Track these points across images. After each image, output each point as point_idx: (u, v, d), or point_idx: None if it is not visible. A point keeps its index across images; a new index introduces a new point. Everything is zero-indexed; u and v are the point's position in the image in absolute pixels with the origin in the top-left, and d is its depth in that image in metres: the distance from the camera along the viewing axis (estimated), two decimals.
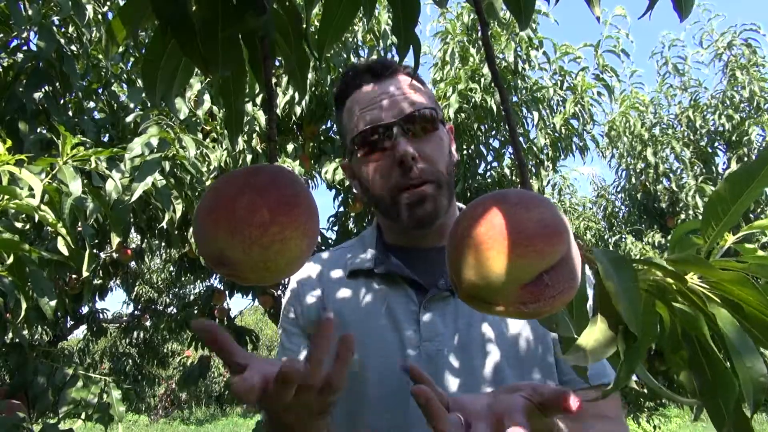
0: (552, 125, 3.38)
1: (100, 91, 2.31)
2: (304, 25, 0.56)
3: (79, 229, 1.47)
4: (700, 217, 0.44)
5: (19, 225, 1.33)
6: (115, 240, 1.60)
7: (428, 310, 0.89)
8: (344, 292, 0.96)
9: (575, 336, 0.46)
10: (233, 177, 0.45)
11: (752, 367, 0.36)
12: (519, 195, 0.43)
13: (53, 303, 1.33)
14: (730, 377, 0.37)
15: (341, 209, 3.29)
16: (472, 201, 0.45)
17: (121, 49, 2.43)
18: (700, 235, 0.44)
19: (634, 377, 0.73)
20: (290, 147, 2.95)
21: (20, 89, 1.92)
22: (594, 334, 0.42)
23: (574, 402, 0.51)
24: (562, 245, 0.40)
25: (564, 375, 0.85)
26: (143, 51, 2.47)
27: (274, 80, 2.83)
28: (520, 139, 3.32)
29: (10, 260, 1.17)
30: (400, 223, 0.93)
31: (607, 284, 0.40)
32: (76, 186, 1.36)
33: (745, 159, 4.53)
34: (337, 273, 0.99)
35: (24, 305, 1.24)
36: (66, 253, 1.35)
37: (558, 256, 0.40)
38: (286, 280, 1.11)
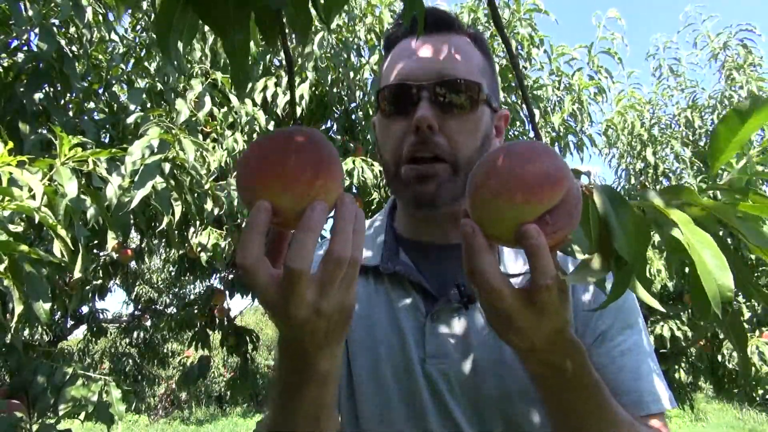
0: (551, 124, 3.39)
1: (100, 91, 2.31)
2: None
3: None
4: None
5: (13, 227, 1.33)
6: (112, 241, 1.60)
7: (436, 322, 0.79)
8: None
9: (584, 257, 0.53)
10: (276, 138, 0.52)
11: (722, 284, 0.43)
12: (525, 147, 0.51)
13: (47, 306, 1.33)
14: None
15: None
16: (487, 153, 0.53)
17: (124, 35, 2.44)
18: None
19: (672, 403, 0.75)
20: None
21: (20, 90, 1.92)
22: (592, 259, 0.50)
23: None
24: (561, 191, 0.48)
25: None
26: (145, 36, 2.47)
27: (274, 80, 2.83)
28: (520, 138, 3.33)
29: (6, 262, 1.17)
30: (402, 197, 0.83)
31: (604, 218, 0.48)
32: (71, 187, 1.36)
33: (745, 158, 4.54)
34: None
35: (19, 307, 1.24)
36: (60, 255, 1.35)
37: (557, 199, 0.48)
38: None
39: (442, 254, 0.84)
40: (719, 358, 4.35)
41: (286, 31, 0.55)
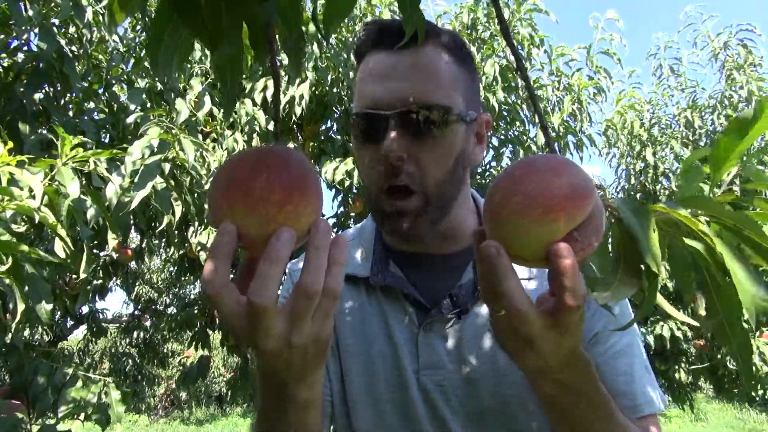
0: (551, 124, 3.39)
1: (100, 91, 2.31)
2: (308, 4, 0.56)
3: (78, 229, 1.47)
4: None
5: (16, 227, 1.33)
6: (113, 241, 1.60)
7: (428, 333, 0.79)
8: (342, 299, 0.86)
9: (599, 275, 0.51)
10: (247, 157, 0.48)
11: (755, 294, 0.43)
12: (548, 161, 0.47)
13: (49, 307, 1.33)
14: (735, 298, 0.44)
15: (341, 209, 3.29)
16: (506, 169, 0.50)
17: (122, 31, 2.44)
18: (707, 163, 0.51)
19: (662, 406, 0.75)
20: (290, 146, 2.95)
21: (21, 90, 1.92)
22: (617, 274, 0.47)
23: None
24: (590, 205, 0.45)
25: None
26: (144, 35, 2.47)
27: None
28: (521, 138, 3.33)
29: (9, 262, 1.17)
30: (382, 228, 0.84)
31: (630, 230, 0.46)
32: (74, 188, 1.36)
33: (744, 158, 4.53)
34: None
35: (21, 307, 1.24)
36: (63, 255, 1.35)
37: (586, 214, 0.45)
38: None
39: (432, 264, 0.84)
40: (719, 358, 4.35)
41: (276, 43, 0.54)
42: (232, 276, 0.47)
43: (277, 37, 0.57)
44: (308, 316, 0.46)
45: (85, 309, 4.75)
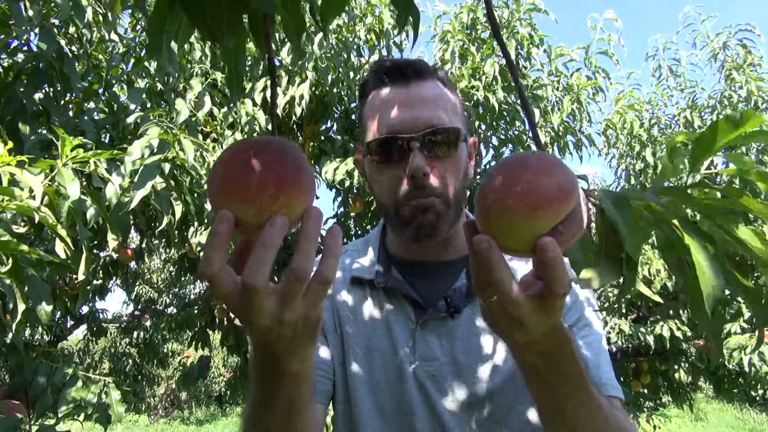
0: (551, 124, 3.39)
1: (100, 91, 2.31)
2: None
3: (77, 229, 1.47)
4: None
5: (16, 227, 1.33)
6: (113, 242, 1.60)
7: (424, 329, 0.89)
8: (346, 298, 0.96)
9: (582, 261, 0.56)
10: (243, 149, 0.51)
11: (715, 285, 0.47)
12: (538, 161, 0.51)
13: (49, 308, 1.33)
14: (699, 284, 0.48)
15: (341, 209, 3.29)
16: (497, 165, 0.53)
17: (121, 34, 2.44)
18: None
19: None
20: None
21: (21, 90, 1.92)
22: (600, 261, 0.52)
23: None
24: (573, 201, 0.49)
25: None
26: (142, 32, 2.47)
27: None
28: (522, 138, 3.33)
29: (10, 263, 1.17)
30: (402, 235, 0.92)
31: (611, 221, 0.49)
32: (74, 188, 1.36)
33: (744, 158, 4.52)
34: (339, 276, 0.98)
35: (21, 307, 1.24)
36: (63, 255, 1.35)
37: (570, 209, 0.49)
38: None
39: (430, 270, 0.95)
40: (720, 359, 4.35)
41: (275, 36, 0.56)
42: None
43: (277, 26, 0.59)
44: (298, 297, 0.50)
45: (85, 309, 4.75)
